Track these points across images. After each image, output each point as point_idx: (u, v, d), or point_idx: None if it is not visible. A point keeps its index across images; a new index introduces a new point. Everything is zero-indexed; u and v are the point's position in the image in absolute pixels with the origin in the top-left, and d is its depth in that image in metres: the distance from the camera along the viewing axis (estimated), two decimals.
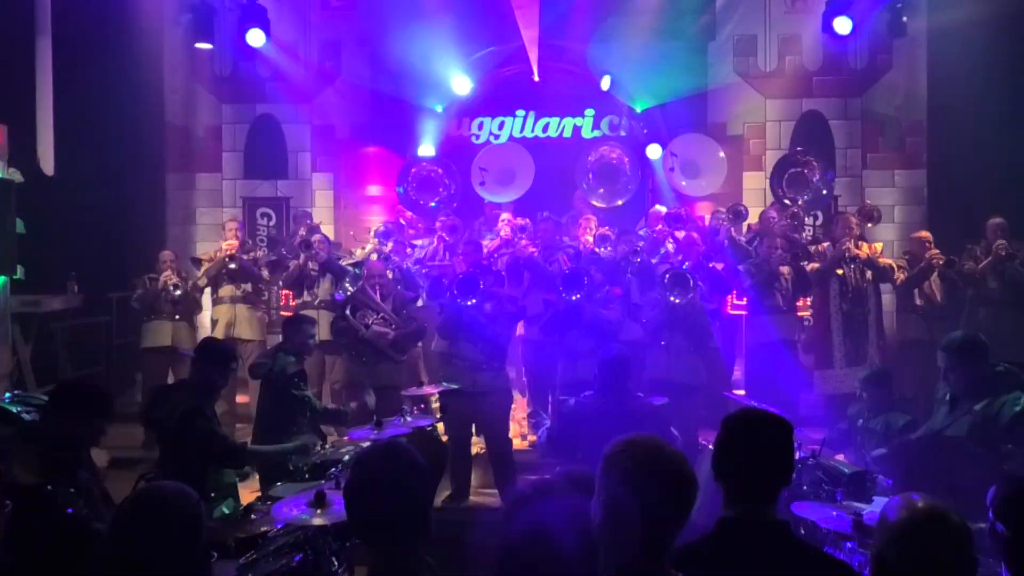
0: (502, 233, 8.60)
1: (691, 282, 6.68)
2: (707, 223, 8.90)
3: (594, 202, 9.53)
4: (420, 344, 7.97)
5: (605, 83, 9.94)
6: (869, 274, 7.90)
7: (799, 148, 9.62)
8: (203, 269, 8.47)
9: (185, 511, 2.40)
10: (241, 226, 8.93)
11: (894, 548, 2.22)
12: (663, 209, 8.77)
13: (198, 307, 8.62)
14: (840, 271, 7.86)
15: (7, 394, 5.67)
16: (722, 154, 9.83)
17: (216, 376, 4.79)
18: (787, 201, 8.78)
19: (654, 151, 9.79)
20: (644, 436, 2.10)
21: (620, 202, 9.61)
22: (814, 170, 9.03)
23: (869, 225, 8.53)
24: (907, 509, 2.25)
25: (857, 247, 7.98)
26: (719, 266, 7.62)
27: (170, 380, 8.06)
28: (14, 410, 4.99)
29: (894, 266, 8.03)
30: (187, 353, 7.87)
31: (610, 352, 5.23)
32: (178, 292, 8.11)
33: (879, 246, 8.18)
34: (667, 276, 6.80)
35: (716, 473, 2.48)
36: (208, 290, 8.65)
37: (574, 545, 1.94)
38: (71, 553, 3.26)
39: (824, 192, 9.07)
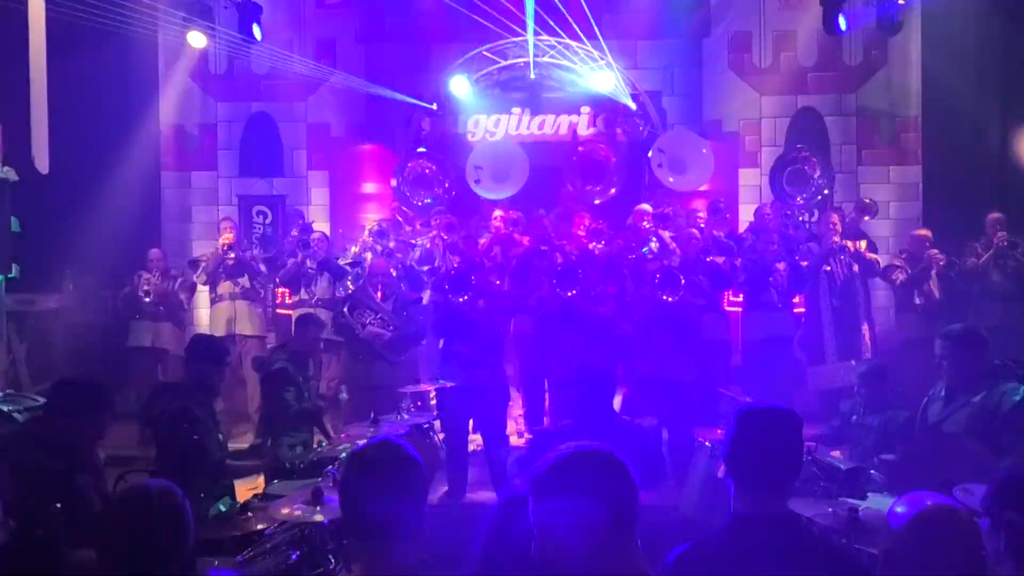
0: (492, 228, 8.61)
1: (681, 281, 6.70)
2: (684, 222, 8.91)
3: (582, 198, 9.54)
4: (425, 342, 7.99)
5: (605, 84, 9.94)
6: (856, 268, 7.92)
7: (799, 145, 9.63)
8: (201, 267, 8.46)
9: (168, 510, 2.38)
10: (235, 224, 8.91)
11: (904, 546, 2.23)
12: (648, 208, 8.77)
13: (182, 308, 8.58)
14: (828, 267, 7.88)
15: (0, 393, 5.67)
16: (706, 150, 9.82)
17: (211, 373, 4.79)
18: (790, 201, 8.79)
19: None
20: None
21: (605, 197, 9.59)
22: (814, 166, 9.04)
23: (866, 219, 8.54)
24: (917, 507, 2.26)
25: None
26: (719, 259, 7.62)
27: (160, 378, 8.07)
28: (5, 409, 4.99)
29: (880, 261, 8.07)
30: (175, 354, 7.88)
31: (587, 367, 4.57)
32: (148, 299, 8.07)
33: (863, 244, 8.20)
34: (657, 275, 6.81)
35: (728, 470, 2.48)
36: (207, 289, 8.63)
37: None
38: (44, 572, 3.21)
39: (826, 190, 9.09)
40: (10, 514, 3.25)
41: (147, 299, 8.07)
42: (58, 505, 3.36)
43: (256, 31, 9.36)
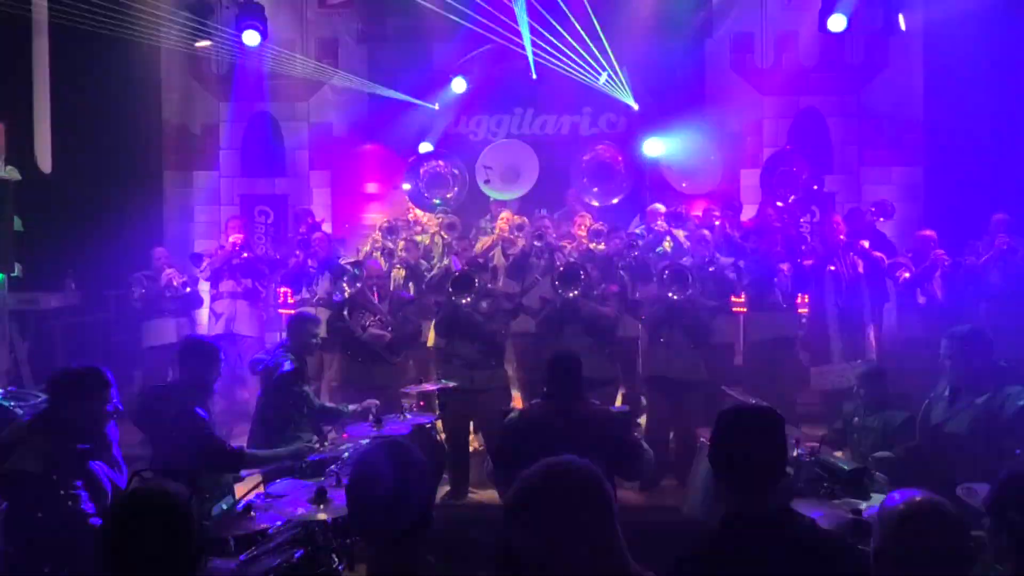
0: (497, 228, 8.62)
1: (690, 279, 6.65)
2: (701, 221, 8.92)
3: (589, 201, 9.53)
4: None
5: (604, 79, 9.95)
6: (861, 267, 7.91)
7: (787, 146, 9.65)
8: (206, 262, 8.46)
9: (172, 512, 2.38)
10: (243, 224, 8.92)
11: (893, 542, 2.26)
12: (662, 207, 8.77)
13: (199, 302, 8.61)
14: (833, 267, 7.87)
15: (0, 390, 5.67)
16: (713, 157, 9.82)
17: (207, 372, 4.76)
18: (779, 203, 8.80)
19: (651, 147, 9.80)
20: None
21: (615, 200, 9.60)
22: (802, 167, 9.05)
23: (881, 220, 8.54)
24: (905, 503, 2.29)
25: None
26: (727, 260, 7.61)
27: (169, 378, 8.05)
28: (8, 405, 4.99)
29: (884, 258, 8.06)
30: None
31: (558, 354, 4.64)
32: (188, 289, 8.13)
33: (866, 243, 8.20)
34: (666, 272, 6.77)
35: (714, 469, 2.50)
36: (208, 285, 8.64)
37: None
38: (67, 547, 3.26)
39: (815, 188, 9.09)
40: (38, 489, 3.29)
41: (187, 289, 8.13)
42: (79, 483, 3.40)
43: (250, 37, 9.35)
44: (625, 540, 2.00)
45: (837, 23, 9.07)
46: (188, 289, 8.15)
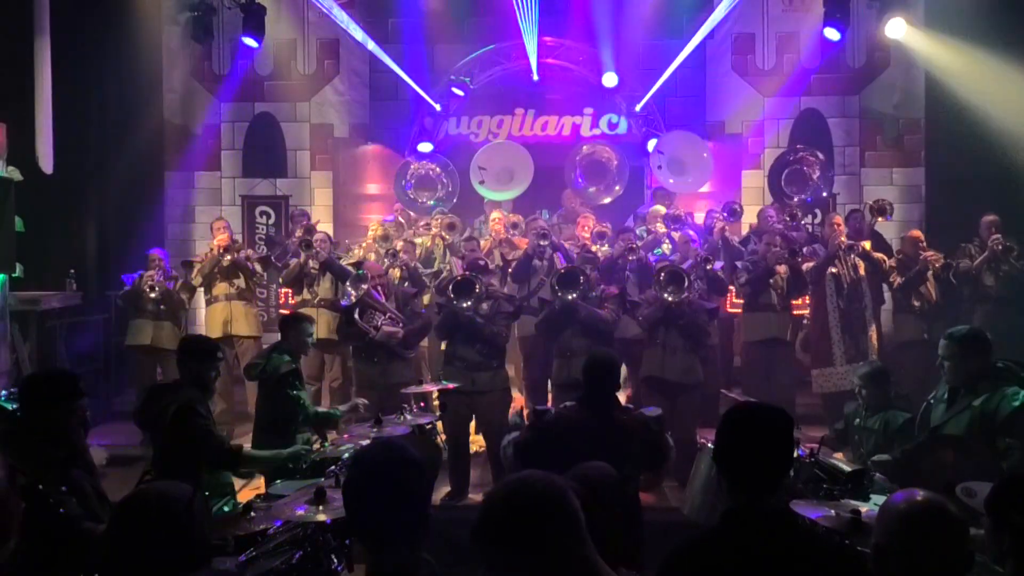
0: (492, 231, 8.62)
1: (686, 280, 6.64)
2: (703, 222, 8.93)
3: (586, 201, 9.53)
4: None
5: (609, 79, 9.94)
6: (862, 269, 7.89)
7: (799, 145, 9.64)
8: (196, 269, 8.43)
9: (172, 514, 2.37)
10: (227, 224, 8.87)
11: (894, 539, 2.26)
12: (662, 209, 8.76)
13: (183, 308, 8.54)
14: (834, 269, 7.86)
15: (3, 391, 5.66)
16: (706, 154, 9.82)
17: (206, 370, 4.75)
18: (788, 201, 8.78)
19: (651, 147, 9.80)
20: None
21: (606, 200, 9.59)
22: (813, 166, 9.03)
23: (880, 219, 8.53)
24: (907, 502, 2.30)
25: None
26: (718, 264, 7.61)
27: (159, 378, 8.02)
28: (10, 407, 4.99)
29: (885, 259, 8.05)
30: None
31: (595, 357, 4.51)
32: (153, 294, 8.03)
33: (867, 244, 8.19)
34: (663, 274, 6.76)
35: (719, 466, 2.50)
36: (202, 290, 8.61)
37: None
38: (63, 553, 3.26)
39: (824, 192, 9.08)
40: (25, 499, 3.28)
41: (152, 294, 8.01)
42: (64, 488, 3.39)
43: (251, 39, 9.42)
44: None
45: (832, 34, 9.11)
46: (153, 294, 8.04)
